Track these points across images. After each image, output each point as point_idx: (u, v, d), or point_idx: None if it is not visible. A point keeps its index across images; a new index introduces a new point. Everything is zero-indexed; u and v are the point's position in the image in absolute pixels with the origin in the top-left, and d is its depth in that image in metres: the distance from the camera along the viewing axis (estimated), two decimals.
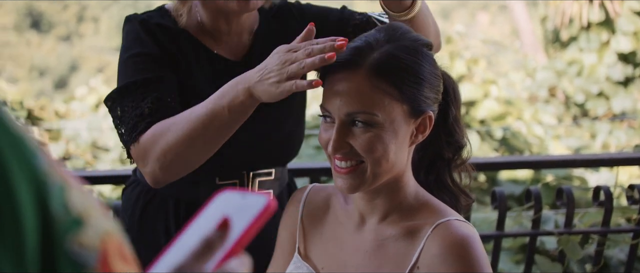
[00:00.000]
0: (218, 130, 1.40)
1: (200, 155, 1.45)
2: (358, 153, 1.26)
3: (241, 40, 1.67)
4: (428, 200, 1.33)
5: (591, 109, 9.20)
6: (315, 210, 1.44)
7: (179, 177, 1.49)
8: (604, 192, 2.41)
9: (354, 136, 1.26)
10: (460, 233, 1.24)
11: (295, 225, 1.45)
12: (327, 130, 1.29)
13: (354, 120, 1.25)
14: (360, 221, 1.36)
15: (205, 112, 1.40)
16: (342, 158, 1.27)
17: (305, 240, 1.44)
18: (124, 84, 1.53)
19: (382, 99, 1.24)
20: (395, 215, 1.32)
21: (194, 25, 1.64)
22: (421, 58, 1.28)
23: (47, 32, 22.15)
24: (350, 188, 1.28)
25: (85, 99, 7.50)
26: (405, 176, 1.33)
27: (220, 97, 1.39)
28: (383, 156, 1.25)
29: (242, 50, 1.67)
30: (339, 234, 1.39)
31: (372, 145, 1.25)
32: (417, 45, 1.29)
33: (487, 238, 2.43)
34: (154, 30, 1.59)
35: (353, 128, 1.26)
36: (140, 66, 1.54)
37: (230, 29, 1.64)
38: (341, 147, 1.26)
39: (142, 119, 1.48)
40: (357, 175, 1.27)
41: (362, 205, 1.35)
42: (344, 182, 1.28)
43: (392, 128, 1.25)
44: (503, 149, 6.21)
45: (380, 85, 1.24)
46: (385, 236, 1.32)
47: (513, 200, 4.74)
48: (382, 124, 1.24)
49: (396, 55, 1.25)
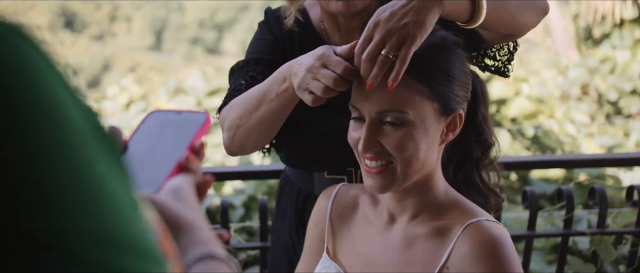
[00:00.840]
0: (268, 111, 1.44)
1: (255, 134, 1.51)
2: (388, 153, 1.25)
3: (354, 39, 1.65)
4: (458, 199, 1.32)
5: (624, 107, 9.07)
6: (344, 210, 1.44)
7: (244, 151, 1.59)
8: (637, 192, 2.37)
9: (384, 135, 1.25)
10: (491, 233, 1.23)
11: (324, 225, 1.45)
12: (357, 130, 1.28)
13: (385, 119, 1.24)
14: (389, 220, 1.36)
15: (259, 92, 1.45)
16: (372, 157, 1.27)
17: (334, 239, 1.44)
18: (237, 61, 1.69)
19: (413, 97, 1.23)
20: (425, 214, 1.32)
21: (317, 22, 1.71)
22: (451, 55, 1.27)
23: (80, 31, 22.44)
24: (380, 189, 1.28)
25: (117, 98, 7.57)
26: (436, 175, 1.32)
27: (273, 79, 1.42)
28: (414, 155, 1.25)
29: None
30: (368, 233, 1.39)
31: (403, 143, 1.24)
32: (447, 42, 1.28)
33: (519, 238, 2.40)
34: (277, 22, 1.72)
35: (383, 127, 1.25)
36: (255, 49, 1.70)
37: (341, 28, 1.67)
38: (372, 146, 1.25)
39: (235, 93, 1.59)
40: (388, 175, 1.26)
41: (392, 204, 1.35)
42: (374, 182, 1.27)
43: (423, 126, 1.24)
44: (534, 148, 6.15)
45: (411, 83, 1.23)
46: (415, 235, 1.31)
47: (545, 199, 4.69)
48: (413, 122, 1.23)
49: (427, 53, 1.25)
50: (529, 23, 1.51)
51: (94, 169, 0.46)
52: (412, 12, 1.21)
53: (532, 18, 1.50)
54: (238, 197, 4.42)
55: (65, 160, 0.44)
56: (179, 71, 13.17)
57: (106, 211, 0.45)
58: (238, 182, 4.54)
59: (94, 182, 0.45)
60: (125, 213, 0.47)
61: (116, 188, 0.47)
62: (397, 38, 1.20)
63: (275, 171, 2.63)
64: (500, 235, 1.23)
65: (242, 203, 4.41)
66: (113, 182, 0.47)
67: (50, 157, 0.43)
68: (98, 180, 0.45)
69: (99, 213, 0.45)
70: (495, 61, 1.63)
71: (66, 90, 0.46)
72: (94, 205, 0.45)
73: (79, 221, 0.43)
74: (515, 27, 1.50)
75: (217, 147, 5.41)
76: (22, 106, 0.43)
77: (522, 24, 1.50)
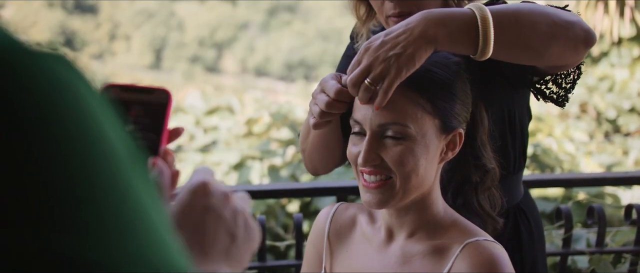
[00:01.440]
0: (316, 136, 1.50)
1: (317, 156, 1.56)
2: (388, 167, 1.25)
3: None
4: (456, 219, 1.32)
5: (623, 125, 9.08)
6: (342, 228, 1.44)
7: (317, 172, 1.63)
8: (636, 211, 2.37)
9: (385, 148, 1.25)
10: (490, 253, 1.23)
11: (322, 244, 1.45)
12: (357, 144, 1.29)
13: (386, 132, 1.25)
14: (387, 237, 1.36)
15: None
16: (371, 172, 1.27)
17: (332, 259, 1.44)
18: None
19: (415, 111, 1.23)
20: (423, 232, 1.32)
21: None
22: (453, 74, 1.28)
23: (80, 50, 22.50)
24: (378, 204, 1.27)
25: None
26: (434, 194, 1.32)
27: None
28: (413, 170, 1.25)
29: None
30: (365, 251, 1.39)
31: (403, 158, 1.24)
32: (449, 62, 1.29)
33: None
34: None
35: (384, 140, 1.25)
36: (339, 66, 1.71)
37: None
38: (372, 159, 1.25)
39: (308, 115, 1.61)
40: (386, 190, 1.26)
41: (390, 221, 1.35)
42: (372, 197, 1.27)
43: (424, 142, 1.24)
44: (534, 166, 6.15)
45: (413, 98, 1.24)
46: (413, 253, 1.31)
47: (544, 217, 4.68)
48: (414, 136, 1.24)
49: (430, 70, 1.26)
50: (562, 56, 1.36)
51: (136, 196, 0.47)
52: (402, 45, 1.20)
53: (566, 51, 1.35)
54: None
55: (108, 188, 0.46)
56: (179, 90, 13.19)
57: (146, 235, 0.47)
58: None
59: (136, 208, 0.47)
60: (162, 236, 0.48)
61: (152, 213, 0.48)
62: (381, 69, 1.20)
63: (274, 191, 2.63)
64: (498, 255, 1.23)
65: None
66: (150, 207, 0.48)
67: (94, 186, 0.45)
68: (138, 205, 0.47)
69: (140, 237, 0.46)
70: (560, 88, 1.51)
71: (108, 118, 0.48)
72: (135, 229, 0.46)
73: (123, 246, 0.45)
74: (542, 61, 1.37)
75: (217, 166, 5.41)
76: (69, 138, 0.44)
77: (553, 58, 1.35)
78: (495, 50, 1.28)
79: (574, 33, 1.34)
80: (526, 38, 1.30)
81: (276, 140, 5.42)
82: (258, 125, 5.69)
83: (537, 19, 1.31)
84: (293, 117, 5.65)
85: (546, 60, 1.37)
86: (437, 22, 1.23)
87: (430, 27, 1.22)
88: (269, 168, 5.09)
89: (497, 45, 1.27)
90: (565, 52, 1.35)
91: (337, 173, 4.58)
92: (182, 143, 5.99)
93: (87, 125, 0.45)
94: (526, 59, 1.35)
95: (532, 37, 1.30)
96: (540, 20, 1.31)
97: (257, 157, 5.36)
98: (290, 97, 11.65)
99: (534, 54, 1.33)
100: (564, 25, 1.33)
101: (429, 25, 1.22)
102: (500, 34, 1.27)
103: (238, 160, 5.34)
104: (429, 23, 1.22)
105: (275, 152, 5.31)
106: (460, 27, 1.25)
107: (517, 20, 1.30)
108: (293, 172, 4.96)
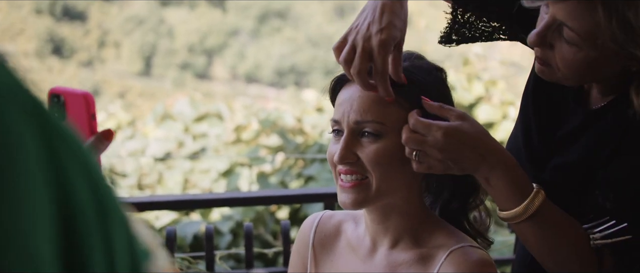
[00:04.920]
0: None
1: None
2: (364, 167, 1.25)
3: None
4: (441, 224, 1.32)
5: None
6: (327, 238, 1.43)
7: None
8: None
9: (361, 147, 1.25)
10: (476, 259, 1.23)
11: (307, 253, 1.44)
12: (335, 144, 1.29)
13: (363, 130, 1.25)
14: (372, 247, 1.35)
15: None
16: (347, 171, 1.26)
17: (317, 268, 1.42)
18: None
19: (393, 112, 1.24)
20: (408, 240, 1.31)
21: None
22: (434, 78, 1.30)
23: (69, 57, 22.41)
24: (354, 203, 1.27)
25: (104, 125, 7.54)
26: (416, 199, 1.31)
27: None
28: (388, 170, 1.25)
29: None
30: (350, 261, 1.37)
31: (378, 156, 1.24)
32: (431, 67, 1.31)
33: (506, 262, 2.40)
34: None
35: (361, 138, 1.26)
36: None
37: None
38: (348, 156, 1.25)
39: None
40: (362, 190, 1.26)
41: (374, 228, 1.34)
42: (347, 197, 1.27)
43: (400, 141, 1.24)
44: None
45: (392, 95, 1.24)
46: (398, 262, 1.30)
47: None
48: (391, 134, 1.24)
49: (411, 71, 1.27)
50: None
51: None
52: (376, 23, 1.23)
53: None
54: (225, 223, 4.40)
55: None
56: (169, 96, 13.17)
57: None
58: (226, 208, 4.52)
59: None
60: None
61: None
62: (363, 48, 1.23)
63: (263, 197, 2.62)
64: (485, 261, 1.23)
65: (230, 230, 4.38)
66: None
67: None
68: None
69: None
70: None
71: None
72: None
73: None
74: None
75: (206, 173, 5.39)
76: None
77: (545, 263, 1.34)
78: (523, 227, 1.27)
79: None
80: (543, 247, 1.30)
81: (265, 147, 5.41)
82: (247, 132, 5.67)
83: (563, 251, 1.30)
84: (282, 123, 5.64)
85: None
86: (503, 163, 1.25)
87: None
88: (258, 175, 5.08)
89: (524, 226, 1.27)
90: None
91: (325, 180, 4.58)
92: (171, 150, 5.97)
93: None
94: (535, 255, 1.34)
95: (548, 255, 1.31)
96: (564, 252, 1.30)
97: (246, 164, 5.34)
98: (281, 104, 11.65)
99: (536, 255, 1.33)
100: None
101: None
102: (534, 225, 1.27)
103: (227, 167, 5.32)
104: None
105: (264, 158, 5.29)
106: (518, 179, 1.26)
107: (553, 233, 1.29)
108: (282, 179, 4.95)
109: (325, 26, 22.17)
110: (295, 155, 5.11)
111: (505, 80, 7.92)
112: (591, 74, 1.28)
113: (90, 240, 0.49)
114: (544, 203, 1.25)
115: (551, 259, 1.31)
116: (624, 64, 1.22)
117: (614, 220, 1.25)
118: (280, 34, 23.43)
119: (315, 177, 4.68)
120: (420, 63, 1.31)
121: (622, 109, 1.27)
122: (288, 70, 22.71)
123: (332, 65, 1.31)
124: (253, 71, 23.13)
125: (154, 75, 23.25)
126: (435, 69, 1.32)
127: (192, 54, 23.68)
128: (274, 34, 23.55)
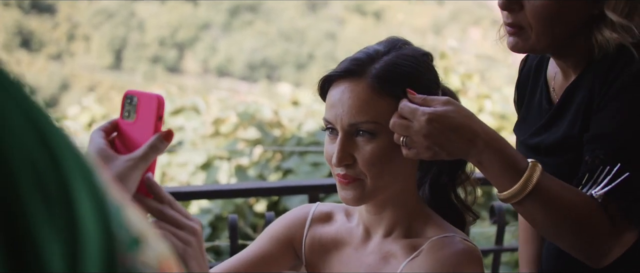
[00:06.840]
0: None
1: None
2: (359, 170, 1.26)
3: (567, 79, 1.47)
4: (431, 216, 1.33)
5: None
6: (320, 230, 1.43)
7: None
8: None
9: (357, 147, 1.26)
10: (458, 249, 1.25)
11: (301, 244, 1.44)
12: (331, 143, 1.29)
13: (358, 131, 1.25)
14: (365, 237, 1.36)
15: None
16: (345, 176, 1.28)
17: (310, 258, 1.43)
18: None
19: (384, 108, 1.24)
20: (400, 230, 1.32)
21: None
22: (420, 66, 1.30)
23: (37, 51, 22.11)
24: (354, 200, 1.28)
25: (78, 118, 7.46)
26: (411, 190, 1.33)
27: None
28: (384, 169, 1.26)
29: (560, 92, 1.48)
30: (343, 251, 1.38)
31: (374, 156, 1.25)
32: (417, 54, 1.31)
33: (486, 252, 2.43)
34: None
35: (356, 138, 1.26)
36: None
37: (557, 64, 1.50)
38: (345, 158, 1.26)
39: None
40: (358, 186, 1.27)
41: (369, 218, 1.35)
42: (347, 193, 1.28)
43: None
44: None
45: (382, 94, 1.25)
46: (390, 252, 1.31)
47: (510, 214, 4.74)
48: (386, 132, 1.24)
49: (396, 63, 1.27)
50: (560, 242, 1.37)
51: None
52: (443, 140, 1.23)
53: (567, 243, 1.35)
54: (205, 216, 4.39)
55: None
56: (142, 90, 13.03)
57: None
58: (204, 201, 4.50)
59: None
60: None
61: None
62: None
63: (242, 190, 2.62)
64: (467, 253, 1.25)
65: (209, 223, 4.37)
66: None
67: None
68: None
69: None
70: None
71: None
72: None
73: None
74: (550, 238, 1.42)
75: (183, 166, 5.36)
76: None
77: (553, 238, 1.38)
78: (527, 205, 1.28)
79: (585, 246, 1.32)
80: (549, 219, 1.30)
81: (243, 140, 5.40)
82: (225, 125, 5.65)
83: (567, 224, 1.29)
84: (260, 116, 5.63)
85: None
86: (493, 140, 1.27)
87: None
88: (237, 168, 5.07)
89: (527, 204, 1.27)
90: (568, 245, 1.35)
91: (305, 173, 4.58)
92: None
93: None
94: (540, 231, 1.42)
95: (553, 227, 1.31)
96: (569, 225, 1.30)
97: (224, 157, 5.32)
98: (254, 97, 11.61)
99: (547, 234, 1.37)
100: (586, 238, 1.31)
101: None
102: (537, 201, 1.27)
103: (205, 160, 5.30)
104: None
105: (242, 151, 5.28)
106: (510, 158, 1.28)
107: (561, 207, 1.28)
108: (261, 172, 4.95)
109: (297, 20, 22.11)
110: (273, 148, 5.10)
111: (480, 74, 7.99)
112: (562, 26, 1.33)
113: (43, 226, 0.39)
114: (543, 177, 1.26)
115: (562, 231, 1.30)
116: (588, 10, 1.32)
117: (609, 166, 1.27)
118: (252, 28, 23.33)
119: (293, 170, 4.69)
120: (405, 51, 1.30)
121: (590, 79, 1.35)
122: (260, 64, 22.63)
123: (304, 59, 1.31)
124: (225, 65, 23.02)
125: (125, 68, 23.03)
126: (421, 54, 1.32)
127: (163, 48, 23.50)
128: (246, 27, 23.45)
